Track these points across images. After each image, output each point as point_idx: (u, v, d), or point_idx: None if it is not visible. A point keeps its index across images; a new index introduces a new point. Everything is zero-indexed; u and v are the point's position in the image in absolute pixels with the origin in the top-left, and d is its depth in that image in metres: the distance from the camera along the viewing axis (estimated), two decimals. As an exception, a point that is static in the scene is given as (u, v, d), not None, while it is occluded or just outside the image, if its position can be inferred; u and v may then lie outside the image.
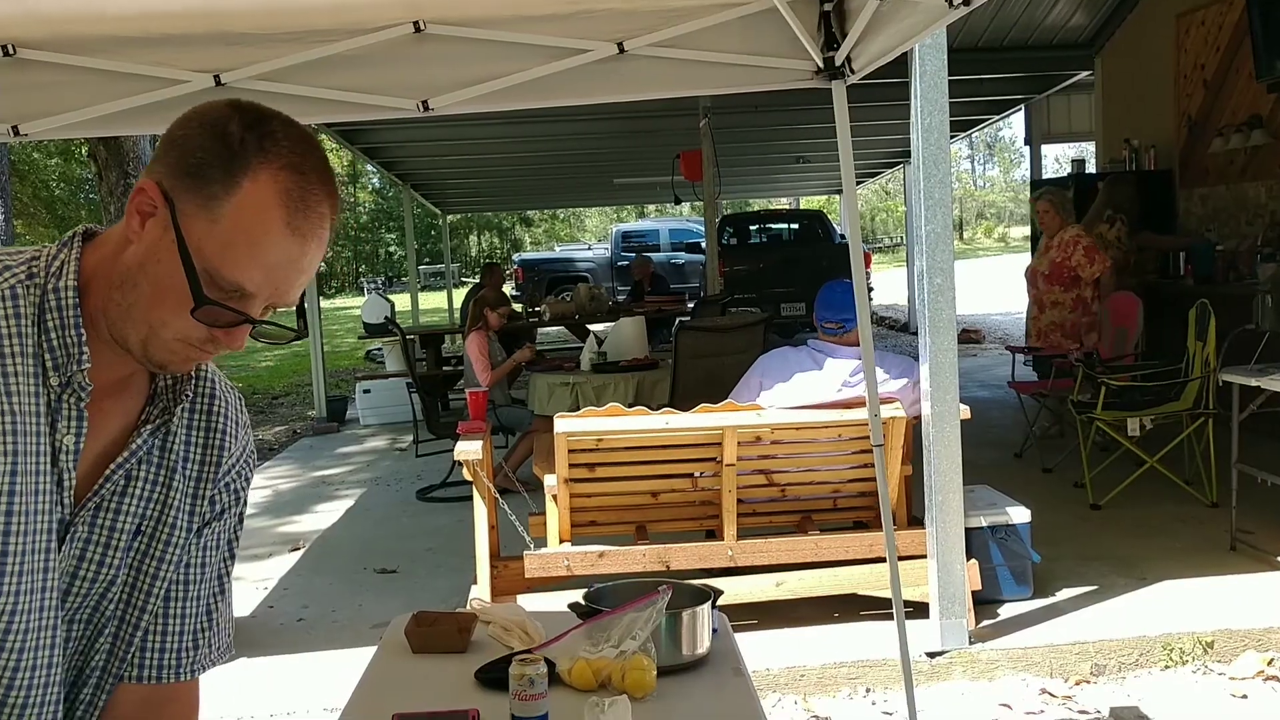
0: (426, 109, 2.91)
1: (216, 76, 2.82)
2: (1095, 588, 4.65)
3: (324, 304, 23.32)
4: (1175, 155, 9.02)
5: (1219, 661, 4.06)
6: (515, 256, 29.60)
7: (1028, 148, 13.80)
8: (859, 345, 4.40)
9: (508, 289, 19.57)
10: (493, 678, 2.11)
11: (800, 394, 4.30)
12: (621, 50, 2.91)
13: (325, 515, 6.96)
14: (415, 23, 2.82)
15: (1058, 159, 21.24)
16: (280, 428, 10.98)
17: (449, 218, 23.32)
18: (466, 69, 2.89)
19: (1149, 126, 9.33)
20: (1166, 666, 4.06)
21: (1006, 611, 4.43)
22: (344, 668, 2.28)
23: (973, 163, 63.63)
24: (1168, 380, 6.20)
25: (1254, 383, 4.74)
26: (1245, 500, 5.12)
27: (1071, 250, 6.82)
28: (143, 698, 1.36)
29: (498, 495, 4.41)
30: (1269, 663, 4.01)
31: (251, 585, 5.52)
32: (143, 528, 1.27)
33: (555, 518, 4.40)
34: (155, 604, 1.31)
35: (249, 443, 1.40)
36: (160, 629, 1.34)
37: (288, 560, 5.95)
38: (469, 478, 4.37)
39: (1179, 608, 4.38)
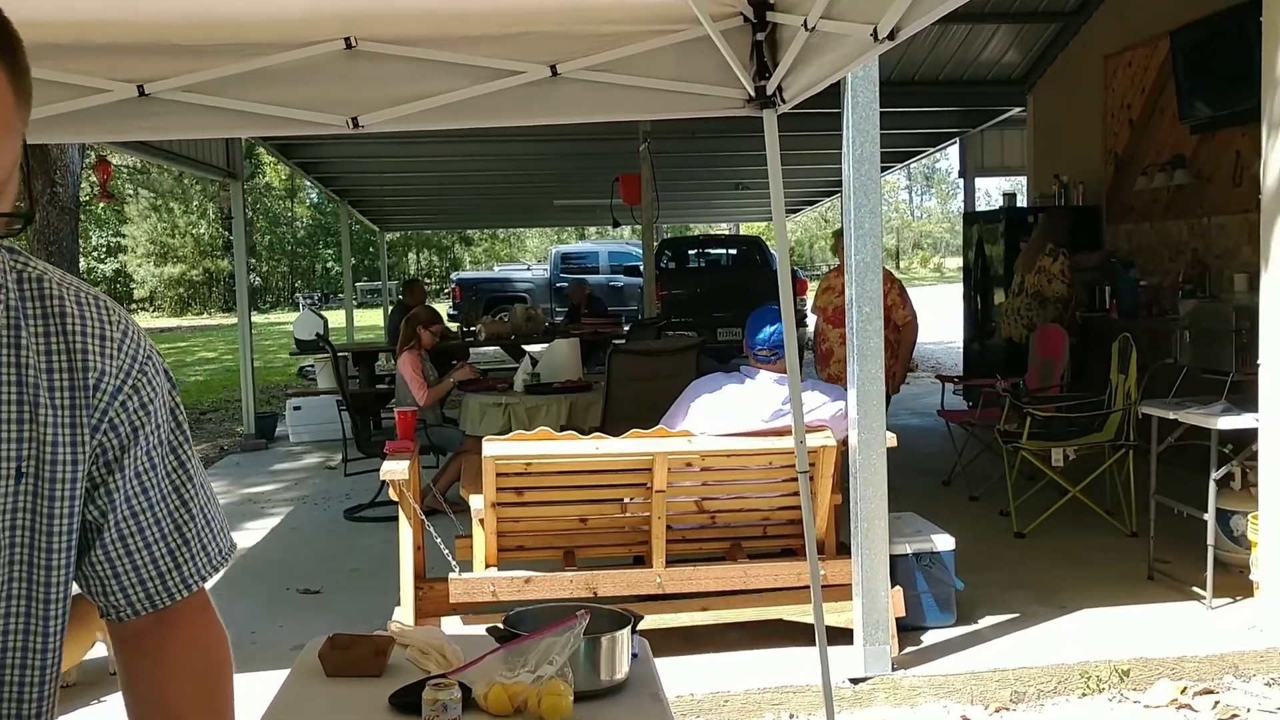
0: (357, 125, 2.88)
1: (140, 87, 2.77)
2: (1017, 615, 4.72)
3: (258, 319, 23.01)
4: (1102, 192, 9.24)
5: (1134, 689, 4.13)
6: (453, 275, 29.45)
7: (962, 180, 14.06)
8: None
9: (443, 309, 19.46)
10: (407, 702, 2.08)
11: (732, 419, 4.31)
12: (554, 73, 2.92)
13: (250, 534, 6.83)
14: (347, 39, 2.80)
15: (989, 192, 21.65)
16: (206, 444, 10.77)
17: (388, 235, 23.18)
18: (398, 87, 2.87)
19: (1078, 163, 9.56)
20: (1084, 694, 4.12)
21: (930, 638, 4.47)
22: (261, 691, 2.23)
23: (910, 193, 64.67)
24: (1091, 412, 6.33)
25: (1172, 415, 4.85)
26: (1163, 530, 5.23)
27: (885, 290, 6.25)
28: (148, 626, 1.32)
29: (424, 517, 4.37)
30: (1182, 691, 4.09)
31: (170, 605, 5.39)
32: (23, 469, 1.20)
33: (482, 542, 4.36)
34: (65, 553, 1.23)
35: (138, 354, 1.26)
36: (129, 565, 1.28)
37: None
38: (395, 498, 4.32)
39: (1097, 636, 4.46)
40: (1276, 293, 4.30)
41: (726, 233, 27.01)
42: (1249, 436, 4.60)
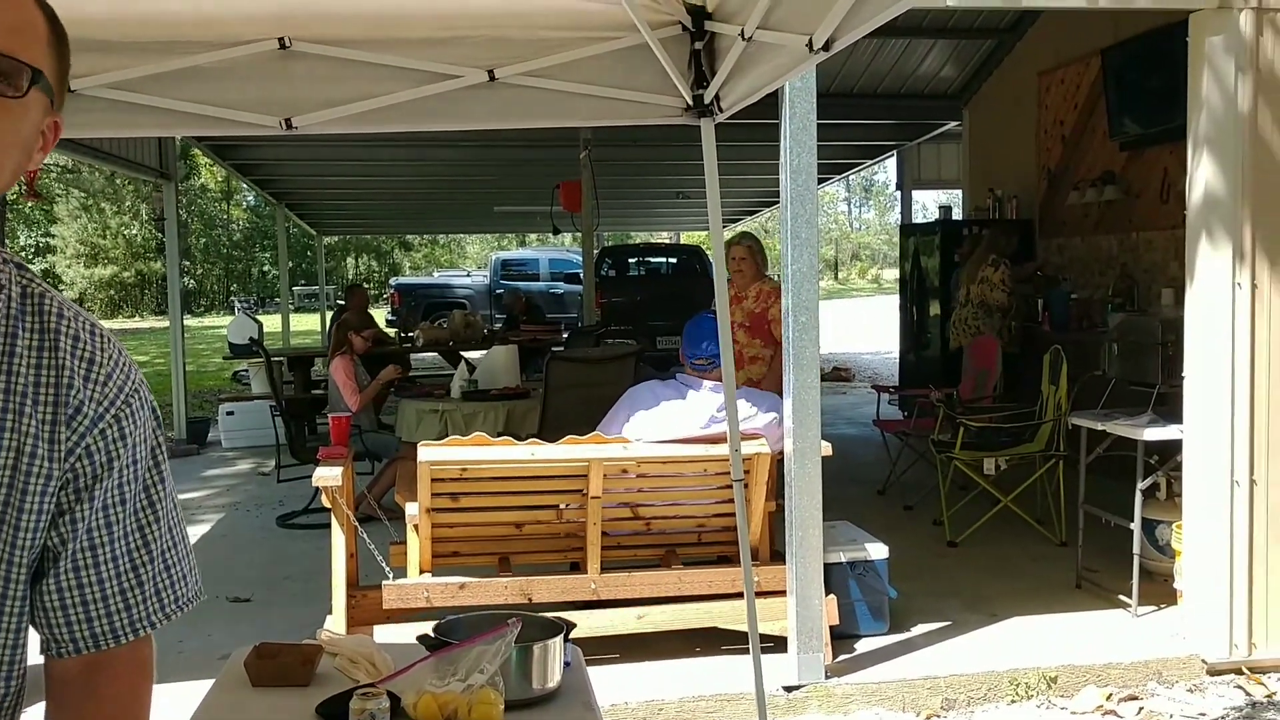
0: (290, 127, 2.84)
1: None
2: (949, 623, 4.77)
3: (191, 322, 22.64)
4: (1036, 206, 9.41)
5: (1062, 696, 4.20)
6: (392, 280, 29.19)
7: (900, 192, 14.24)
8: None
9: (382, 314, 19.27)
10: (334, 712, 2.05)
11: (667, 427, 4.31)
12: (492, 78, 2.90)
13: (179, 541, 6.69)
14: (281, 39, 2.76)
15: (926, 205, 21.95)
16: (136, 449, 10.55)
17: (325, 239, 22.92)
18: (333, 89, 2.84)
19: (1012, 177, 9.72)
20: (1013, 701, 4.18)
21: (863, 646, 4.51)
22: (187, 702, 2.18)
23: (849, 205, 65.36)
24: (1023, 422, 6.43)
25: (1100, 426, 4.95)
26: (1091, 539, 5.33)
27: (770, 303, 5.82)
28: (82, 668, 1.29)
29: (357, 523, 4.31)
30: (1108, 697, 4.16)
31: (94, 614, 5.27)
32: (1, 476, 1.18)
33: (416, 548, 4.31)
34: (25, 568, 1.21)
35: (125, 387, 1.27)
36: (79, 599, 1.26)
37: (135, 588, 5.70)
38: (327, 504, 4.26)
39: (1026, 643, 4.52)
40: (1201, 307, 4.41)
41: (667, 241, 27.12)
42: (1174, 447, 4.70)
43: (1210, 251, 4.35)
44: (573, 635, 2.31)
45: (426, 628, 2.34)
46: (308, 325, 25.46)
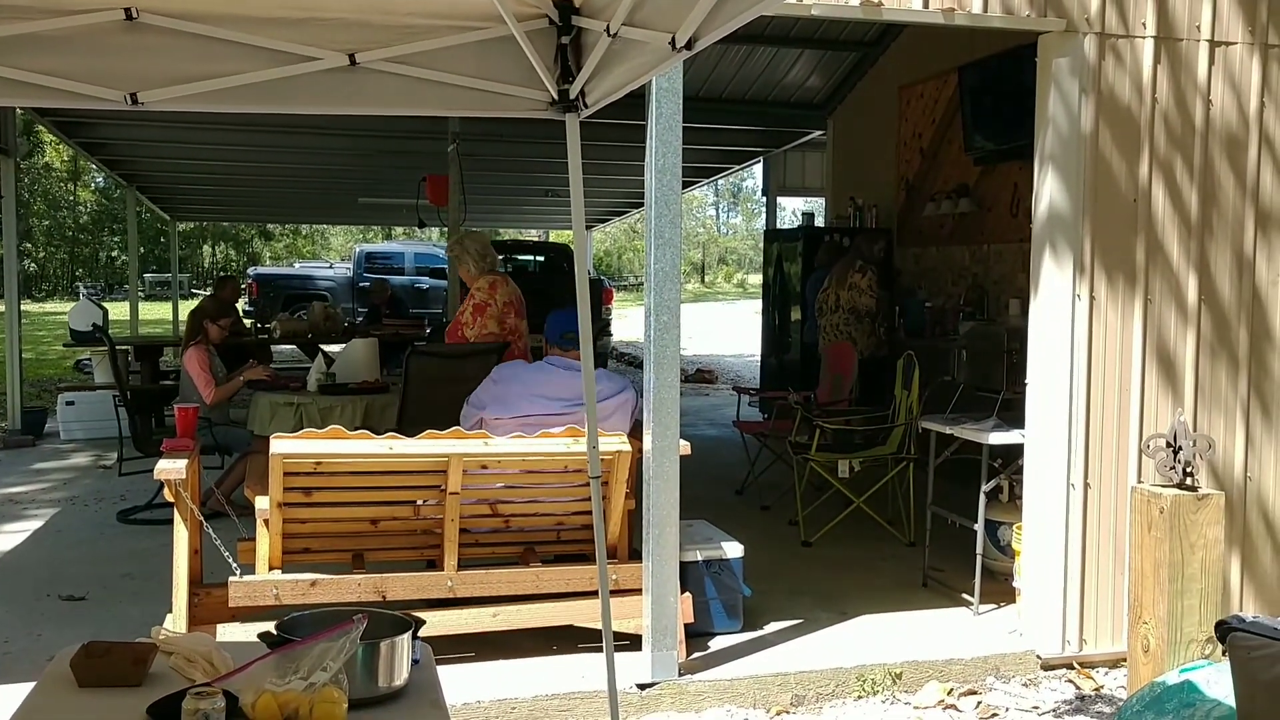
0: (136, 102, 2.71)
1: (-111, 44, 2.54)
2: (800, 621, 4.86)
3: (31, 307, 21.54)
4: (894, 215, 9.68)
5: (906, 691, 4.32)
6: (250, 270, 28.30)
7: (765, 198, 14.47)
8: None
9: (241, 304, 18.69)
10: (166, 713, 1.96)
11: (533, 398, 4.31)
12: (353, 62, 2.83)
13: (8, 536, 6.35)
14: (128, 10, 2.63)
15: (794, 212, 22.39)
16: (-34, 439, 9.97)
17: (180, 225, 22.09)
18: (183, 65, 2.72)
19: (872, 187, 9.98)
20: (860, 696, 4.29)
21: (717, 644, 4.56)
22: (10, 704, 2.06)
23: (718, 210, 66.24)
24: (876, 426, 6.61)
25: (948, 430, 5.12)
26: (937, 540, 5.51)
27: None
28: None
29: (203, 519, 4.16)
30: (949, 692, 4.30)
31: (-88, 613, 4.96)
32: None
33: (266, 543, 4.18)
34: None
35: None
36: None
37: (-41, 585, 5.39)
38: (170, 498, 4.10)
39: (874, 641, 4.64)
40: (1043, 318, 4.60)
41: (535, 239, 27.00)
42: (1016, 451, 4.89)
43: (1053, 264, 4.54)
44: (427, 633, 2.27)
45: (270, 626, 2.27)
46: (159, 314, 24.49)
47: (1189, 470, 3.96)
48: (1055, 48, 4.51)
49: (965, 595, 5.14)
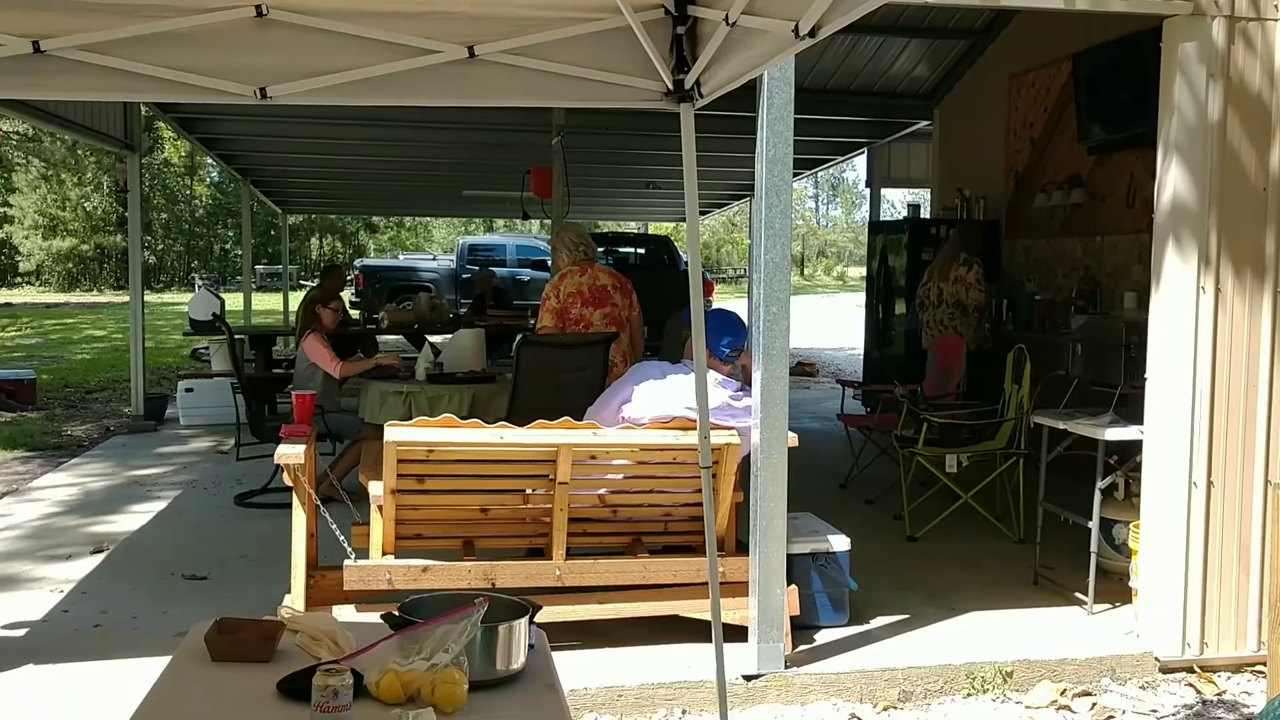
0: (265, 96, 2.80)
1: (35, 43, 2.65)
2: (907, 616, 4.80)
3: (151, 298, 22.34)
4: (1002, 207, 9.48)
5: (1017, 690, 4.24)
6: (357, 262, 28.93)
7: (868, 190, 14.29)
8: (738, 374, 4.54)
9: (346, 296, 19.12)
10: (296, 688, 2.03)
11: (669, 403, 4.30)
12: (472, 54, 2.87)
13: (135, 517, 6.61)
14: (258, 6, 2.71)
15: (894, 204, 22.06)
16: (91, 424, 10.41)
17: (290, 218, 22.70)
18: (309, 59, 2.79)
19: (980, 178, 9.79)
20: (969, 694, 4.22)
21: (822, 637, 4.52)
22: (141, 678, 2.15)
23: (817, 202, 65.69)
24: (985, 420, 6.48)
25: (1062, 425, 5.00)
26: (1049, 537, 5.38)
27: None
28: None
29: (319, 502, 4.27)
30: (1062, 693, 4.21)
31: (47, 588, 5.19)
32: None
33: (379, 529, 4.28)
34: None
35: None
36: None
37: (89, 563, 5.62)
38: (289, 482, 4.21)
39: (983, 638, 4.56)
40: (1165, 311, 4.46)
41: (635, 231, 27.08)
42: (1134, 448, 4.76)
43: (1177, 256, 4.39)
44: (535, 619, 2.30)
45: (390, 608, 2.32)
46: (270, 304, 25.21)
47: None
48: (1181, 32, 4.36)
49: (1078, 594, 5.02)
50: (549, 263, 14.04)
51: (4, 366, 14.39)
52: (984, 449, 6.32)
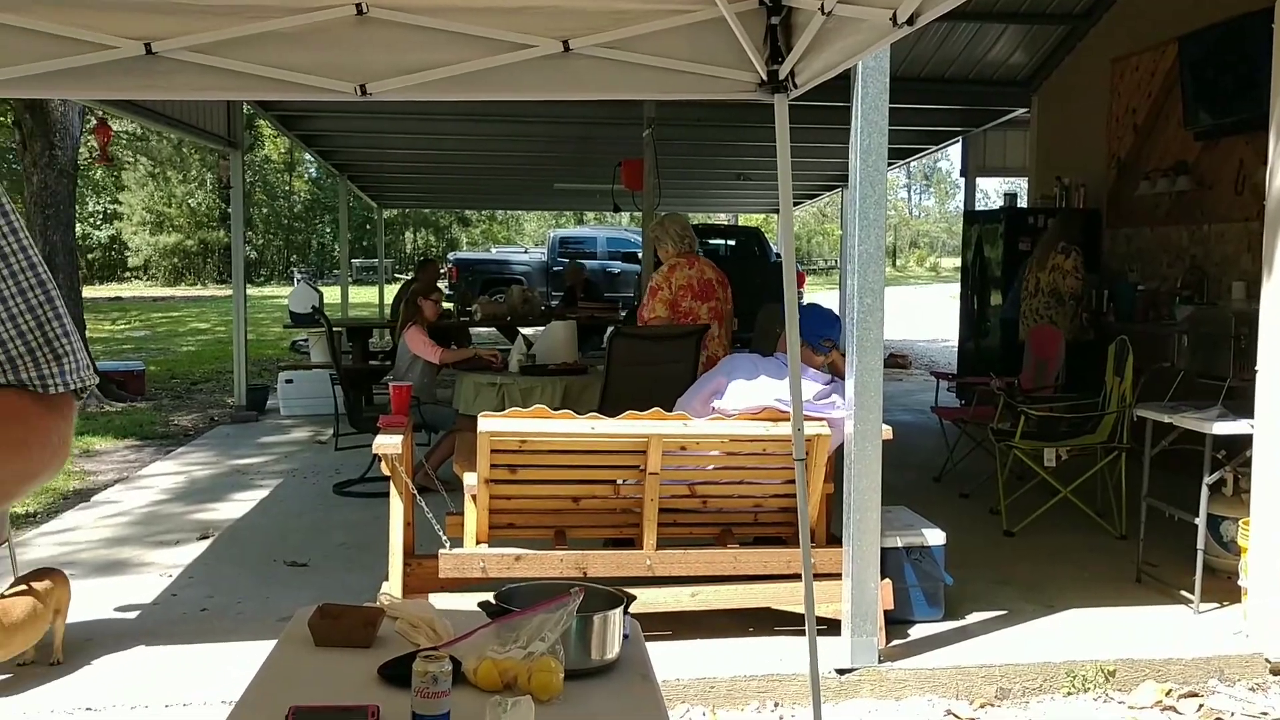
0: (365, 93, 2.85)
1: (148, 45, 2.74)
2: (1004, 612, 4.72)
3: (252, 291, 22.92)
4: (1104, 195, 9.23)
5: (1119, 690, 4.14)
6: (450, 255, 29.34)
7: (963, 179, 14.04)
8: (826, 369, 4.51)
9: (441, 286, 19.41)
10: (396, 674, 2.07)
11: (761, 395, 4.29)
12: (567, 49, 2.89)
13: (238, 505, 6.81)
14: (358, 4, 2.77)
15: (988, 193, 21.61)
16: (197, 414, 10.75)
17: (385, 212, 23.10)
18: (407, 56, 2.85)
19: (1080, 165, 9.54)
20: (1069, 693, 4.13)
21: (917, 632, 4.47)
22: (245, 660, 2.22)
23: (909, 192, 64.71)
24: (1085, 413, 6.33)
25: (1167, 419, 4.85)
26: (1153, 533, 5.24)
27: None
28: None
29: (415, 492, 4.35)
30: (1167, 693, 4.09)
31: (156, 572, 5.38)
32: None
33: (473, 518, 4.34)
34: None
35: None
36: None
37: (195, 548, 5.81)
38: (387, 472, 4.30)
39: (1084, 635, 4.46)
40: (1277, 300, 4.30)
41: (725, 223, 26.98)
42: (1243, 442, 4.60)
43: (1290, 243, 4.23)
44: (630, 609, 2.31)
45: (485, 596, 2.36)
46: (366, 298, 25.70)
47: None
48: (1295, 11, 4.20)
49: (1184, 592, 4.87)
50: (639, 255, 14.08)
51: (114, 358, 14.93)
52: (1084, 443, 6.17)
